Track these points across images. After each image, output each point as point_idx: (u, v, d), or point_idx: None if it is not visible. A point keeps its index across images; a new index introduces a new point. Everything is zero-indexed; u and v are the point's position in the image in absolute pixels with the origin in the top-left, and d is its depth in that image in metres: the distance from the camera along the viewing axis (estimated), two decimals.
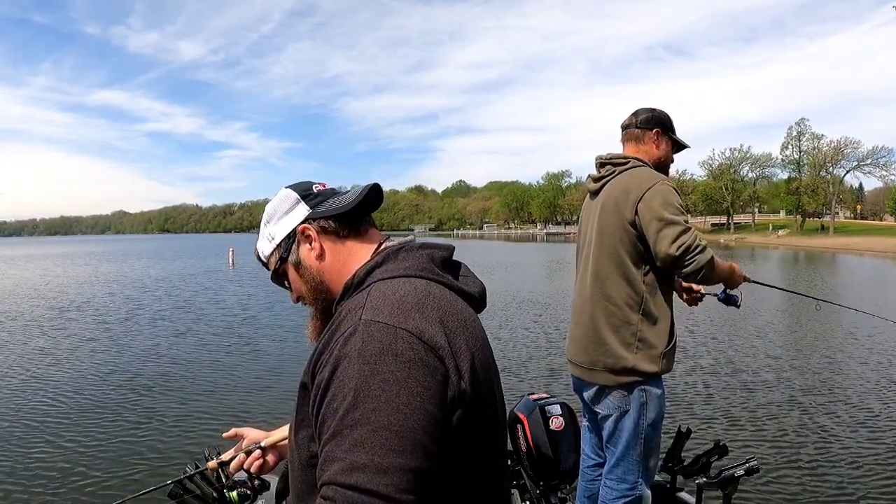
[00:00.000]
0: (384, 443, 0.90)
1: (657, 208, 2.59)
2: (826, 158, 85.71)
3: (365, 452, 0.90)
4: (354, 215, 1.27)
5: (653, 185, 2.65)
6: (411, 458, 0.91)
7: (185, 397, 7.77)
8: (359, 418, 0.93)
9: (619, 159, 2.88)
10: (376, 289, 1.09)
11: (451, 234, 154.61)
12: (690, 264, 2.55)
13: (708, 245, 2.59)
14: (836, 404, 7.17)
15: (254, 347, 11.08)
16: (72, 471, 5.40)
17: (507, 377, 8.52)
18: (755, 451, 5.56)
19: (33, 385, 8.45)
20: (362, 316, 1.02)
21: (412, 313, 1.02)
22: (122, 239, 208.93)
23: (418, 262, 1.16)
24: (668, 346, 2.69)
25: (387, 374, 0.94)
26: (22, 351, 10.91)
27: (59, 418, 6.93)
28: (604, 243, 2.78)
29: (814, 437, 6.07)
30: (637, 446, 2.72)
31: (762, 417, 6.69)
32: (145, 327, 13.47)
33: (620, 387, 2.70)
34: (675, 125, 2.98)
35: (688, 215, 2.67)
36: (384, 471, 0.89)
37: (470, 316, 1.14)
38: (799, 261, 39.76)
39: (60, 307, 17.30)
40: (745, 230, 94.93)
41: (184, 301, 18.54)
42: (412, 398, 0.94)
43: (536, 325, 13.04)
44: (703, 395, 7.61)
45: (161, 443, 6.10)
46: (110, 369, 9.36)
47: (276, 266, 1.31)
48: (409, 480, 0.90)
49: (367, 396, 0.93)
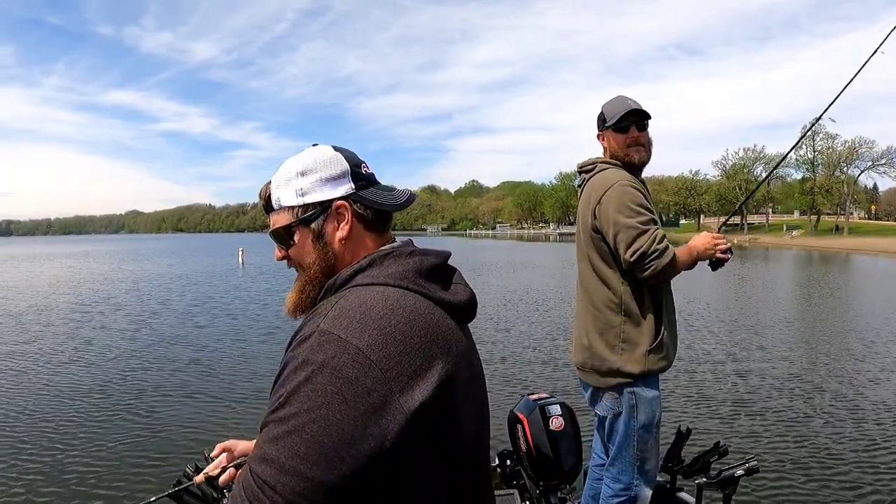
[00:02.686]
0: (292, 446, 0.94)
1: (612, 213, 2.61)
2: (840, 158, 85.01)
3: (276, 449, 0.95)
4: (390, 214, 1.25)
5: (608, 189, 2.66)
6: (313, 468, 0.93)
7: (190, 400, 7.84)
8: (281, 417, 0.97)
9: (588, 166, 2.92)
10: (347, 296, 1.09)
11: (464, 234, 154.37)
12: (648, 269, 2.54)
13: (668, 245, 2.56)
14: (837, 404, 7.14)
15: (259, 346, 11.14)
16: (74, 470, 5.47)
17: (508, 377, 8.55)
18: (755, 451, 5.56)
19: (70, 374, 8.57)
20: (321, 324, 1.03)
21: (370, 328, 1.01)
22: (136, 238, 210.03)
23: (401, 269, 1.14)
24: (653, 344, 2.67)
25: (318, 385, 0.96)
26: (60, 345, 11.07)
27: (65, 416, 7.03)
28: (581, 249, 2.86)
29: (814, 436, 6.06)
30: (629, 448, 2.74)
31: (763, 417, 6.69)
32: (151, 328, 13.59)
33: (611, 389, 2.73)
34: (610, 111, 2.83)
35: (649, 213, 2.63)
36: (286, 471, 0.93)
37: (447, 329, 1.11)
38: (813, 261, 39.47)
39: (100, 302, 17.67)
40: (758, 230, 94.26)
41: (193, 300, 18.64)
42: (331, 413, 0.94)
43: (539, 325, 13.04)
44: (703, 394, 7.61)
45: (164, 442, 6.17)
46: (121, 369, 9.47)
47: (291, 223, 1.23)
48: (305, 488, 0.92)
49: (295, 400, 0.96)
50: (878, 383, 8.08)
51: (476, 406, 1.18)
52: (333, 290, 1.16)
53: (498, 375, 8.58)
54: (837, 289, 20.46)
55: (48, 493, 5.01)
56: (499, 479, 3.55)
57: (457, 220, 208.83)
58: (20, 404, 7.52)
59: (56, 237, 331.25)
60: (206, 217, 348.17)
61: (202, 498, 1.87)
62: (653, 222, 2.60)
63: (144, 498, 1.98)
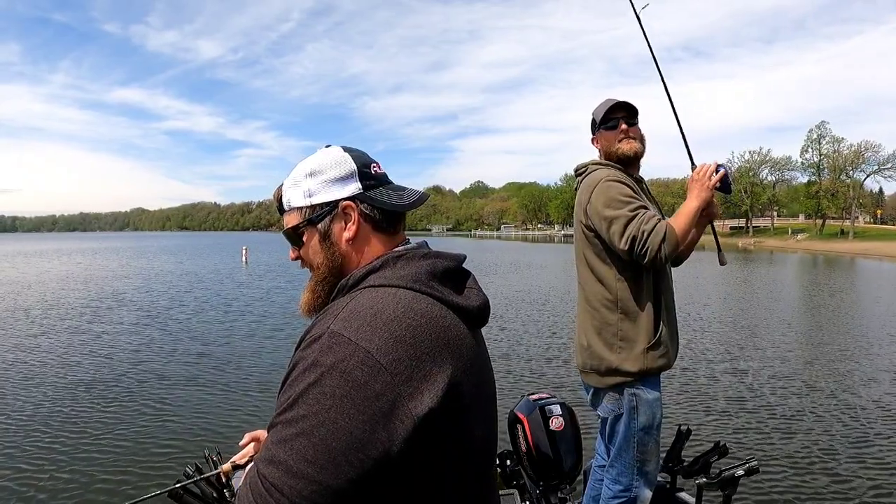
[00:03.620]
0: (301, 449, 0.94)
1: (601, 208, 2.63)
2: (846, 162, 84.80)
3: (284, 451, 0.95)
4: (400, 215, 1.24)
5: (595, 187, 2.70)
6: (321, 471, 0.93)
7: (195, 396, 7.85)
8: (290, 418, 0.97)
9: (581, 168, 2.95)
10: (359, 297, 1.08)
11: (469, 235, 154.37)
12: (645, 253, 2.48)
13: (658, 222, 2.49)
14: (838, 404, 7.14)
15: (262, 344, 11.17)
16: (74, 467, 5.48)
17: (508, 377, 8.59)
18: (755, 451, 5.57)
19: (70, 370, 8.60)
20: (331, 325, 1.02)
21: (380, 331, 1.00)
22: (141, 236, 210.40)
23: (414, 271, 1.12)
24: (651, 342, 2.66)
25: (327, 388, 0.96)
26: (71, 338, 11.12)
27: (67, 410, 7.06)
28: (576, 249, 2.89)
29: (814, 437, 6.06)
30: (629, 449, 2.73)
31: (763, 418, 6.68)
32: (159, 323, 13.63)
33: (611, 389, 2.73)
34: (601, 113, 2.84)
35: (637, 201, 2.60)
36: (294, 474, 0.93)
37: (459, 333, 1.10)
38: (817, 265, 39.37)
39: (111, 298, 17.72)
40: (764, 234, 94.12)
41: (199, 297, 18.70)
42: (340, 418, 0.94)
43: (540, 325, 13.03)
44: (703, 394, 7.61)
45: (168, 439, 6.16)
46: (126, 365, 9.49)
47: (299, 223, 1.24)
48: (313, 491, 0.93)
49: (304, 402, 0.96)
50: (879, 384, 8.06)
51: (485, 411, 1.18)
52: (346, 290, 1.16)
53: (498, 375, 8.55)
54: (840, 292, 20.38)
55: (57, 478, 5.04)
56: (499, 479, 3.55)
57: (462, 221, 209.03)
58: (34, 395, 7.61)
59: (61, 234, 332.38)
60: (211, 215, 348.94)
61: (202, 498, 1.88)
62: (642, 209, 2.57)
63: (149, 490, 1.98)
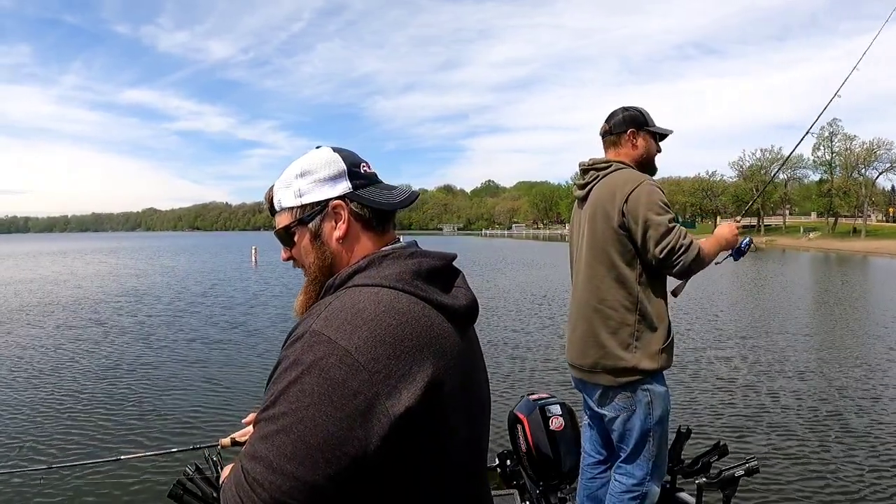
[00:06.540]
0: (280, 445, 0.96)
1: (642, 210, 2.64)
2: (858, 160, 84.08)
3: (265, 447, 0.97)
4: (390, 214, 1.25)
5: (637, 186, 2.69)
6: (299, 467, 0.95)
7: (197, 392, 7.94)
8: (272, 415, 0.99)
9: (602, 164, 2.92)
10: (342, 296, 1.09)
11: (480, 234, 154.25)
12: (677, 265, 2.62)
13: (693, 241, 2.65)
14: (838, 405, 7.14)
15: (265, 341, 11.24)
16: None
17: (507, 378, 8.58)
18: (755, 451, 5.56)
19: (81, 364, 8.70)
20: (313, 325, 1.04)
21: (360, 330, 1.01)
22: (153, 236, 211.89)
23: (398, 271, 1.13)
24: (665, 343, 2.73)
25: (306, 386, 0.97)
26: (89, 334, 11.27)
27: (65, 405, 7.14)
28: (595, 248, 2.82)
29: (815, 437, 6.07)
30: (646, 444, 2.76)
31: (763, 418, 6.68)
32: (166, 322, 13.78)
33: (623, 387, 2.74)
34: (649, 117, 2.96)
35: (672, 213, 2.70)
36: (274, 470, 0.95)
37: (442, 332, 1.10)
38: (829, 263, 39.18)
39: (145, 293, 18.06)
40: (775, 232, 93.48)
41: (211, 295, 18.84)
42: (318, 415, 0.96)
43: (540, 324, 13.04)
44: (703, 394, 7.62)
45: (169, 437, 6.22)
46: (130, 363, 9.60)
47: (290, 224, 1.25)
48: (291, 487, 0.94)
49: (285, 400, 0.98)
50: (880, 384, 8.03)
51: (472, 410, 1.18)
52: (332, 289, 1.17)
53: (499, 375, 8.60)
54: (850, 290, 20.32)
55: (58, 478, 5.00)
56: (499, 479, 3.57)
57: (473, 220, 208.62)
58: (31, 393, 7.70)
59: (73, 234, 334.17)
60: (223, 215, 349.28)
61: (202, 498, 1.90)
62: (675, 220, 2.68)
63: (149, 490, 2.00)
